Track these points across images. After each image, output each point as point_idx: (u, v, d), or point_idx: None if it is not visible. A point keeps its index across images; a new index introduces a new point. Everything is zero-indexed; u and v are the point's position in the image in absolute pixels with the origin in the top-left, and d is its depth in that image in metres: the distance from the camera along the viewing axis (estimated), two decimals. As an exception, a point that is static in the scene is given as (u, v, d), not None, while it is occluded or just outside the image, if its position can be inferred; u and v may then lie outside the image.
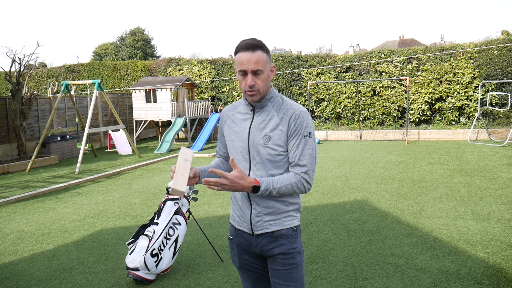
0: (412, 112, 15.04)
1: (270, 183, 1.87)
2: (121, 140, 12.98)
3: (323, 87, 16.17)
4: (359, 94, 15.67)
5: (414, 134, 14.35)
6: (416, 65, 15.14)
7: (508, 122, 13.83)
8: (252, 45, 1.87)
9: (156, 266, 3.81)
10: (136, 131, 15.73)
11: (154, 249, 3.81)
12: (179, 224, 4.05)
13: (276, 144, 1.92)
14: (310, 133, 1.93)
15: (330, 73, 16.17)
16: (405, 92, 14.91)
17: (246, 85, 1.89)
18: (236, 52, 1.91)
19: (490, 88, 14.05)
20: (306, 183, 1.92)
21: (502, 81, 13.70)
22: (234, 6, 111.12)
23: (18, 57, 11.28)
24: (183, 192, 1.80)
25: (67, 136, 12.73)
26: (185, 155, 1.95)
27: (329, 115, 16.19)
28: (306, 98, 16.22)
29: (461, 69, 14.44)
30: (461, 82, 14.39)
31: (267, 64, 1.91)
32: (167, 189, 4.24)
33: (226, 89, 17.52)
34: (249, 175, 1.96)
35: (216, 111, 16.60)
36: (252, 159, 1.96)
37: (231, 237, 2.15)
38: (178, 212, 4.07)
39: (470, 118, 14.46)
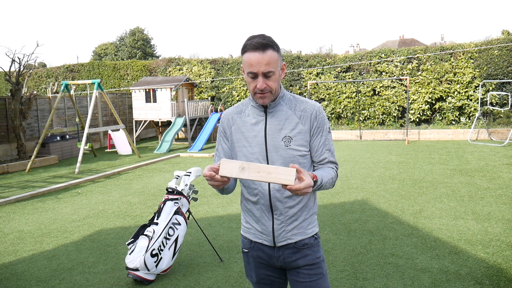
0: (412, 112, 15.03)
1: (320, 177, 1.73)
2: (121, 140, 12.97)
3: (323, 87, 16.16)
4: (359, 94, 15.66)
5: (414, 134, 14.34)
6: (416, 65, 15.13)
7: (509, 122, 13.82)
8: (262, 45, 1.69)
9: (156, 266, 3.80)
10: (136, 131, 15.72)
11: (154, 249, 3.80)
12: (179, 224, 4.04)
13: (298, 145, 1.80)
14: (329, 128, 1.88)
15: (330, 73, 16.16)
16: (405, 92, 14.90)
17: (256, 87, 1.74)
18: (244, 51, 1.74)
19: (491, 88, 14.04)
20: (337, 178, 1.88)
21: (503, 81, 13.69)
22: (234, 6, 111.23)
23: (18, 57, 11.27)
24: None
25: (67, 136, 12.72)
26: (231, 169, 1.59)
27: (329, 115, 16.17)
28: (306, 98, 16.19)
29: (461, 69, 14.43)
30: (462, 82, 14.38)
31: (278, 63, 1.75)
32: (166, 189, 4.23)
33: (226, 89, 17.51)
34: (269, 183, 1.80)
35: (216, 111, 16.59)
36: (271, 164, 1.79)
37: (245, 250, 1.99)
38: (178, 212, 4.07)
39: (471, 118, 14.46)
